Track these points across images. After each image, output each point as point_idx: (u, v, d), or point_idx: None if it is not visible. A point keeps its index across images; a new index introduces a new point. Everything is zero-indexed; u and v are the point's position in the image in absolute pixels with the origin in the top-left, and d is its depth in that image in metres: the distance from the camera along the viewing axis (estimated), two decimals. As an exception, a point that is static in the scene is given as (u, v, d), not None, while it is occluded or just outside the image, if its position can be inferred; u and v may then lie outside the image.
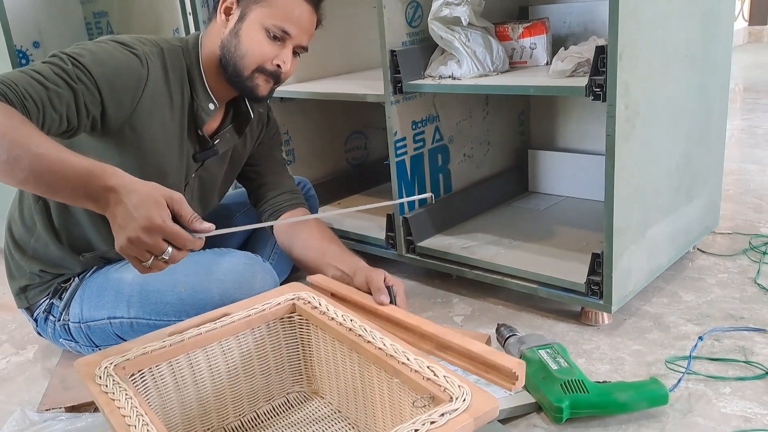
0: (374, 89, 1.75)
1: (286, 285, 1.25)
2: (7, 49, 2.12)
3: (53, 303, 1.39)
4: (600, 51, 1.29)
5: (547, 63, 1.71)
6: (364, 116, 2.37)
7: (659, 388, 1.15)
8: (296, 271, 1.75)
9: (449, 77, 1.63)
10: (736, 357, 1.31)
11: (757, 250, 1.79)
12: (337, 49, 2.17)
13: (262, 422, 1.16)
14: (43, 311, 1.40)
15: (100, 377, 0.96)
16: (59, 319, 1.38)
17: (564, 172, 2.08)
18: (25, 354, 1.58)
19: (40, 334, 1.45)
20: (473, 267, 1.66)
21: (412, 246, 1.77)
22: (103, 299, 1.33)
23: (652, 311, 1.52)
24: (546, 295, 1.52)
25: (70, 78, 1.14)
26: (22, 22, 2.47)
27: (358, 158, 2.40)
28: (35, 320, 1.42)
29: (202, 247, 1.00)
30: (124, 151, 1.27)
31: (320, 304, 1.13)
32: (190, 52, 1.35)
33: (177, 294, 1.28)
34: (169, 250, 0.96)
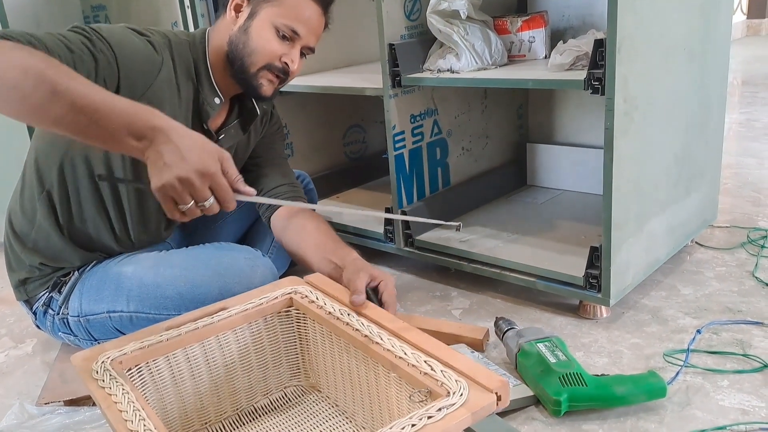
0: (373, 83, 1.75)
1: (284, 279, 1.25)
2: (5, 43, 2.12)
3: (52, 297, 1.39)
4: (599, 44, 1.29)
5: (545, 56, 1.71)
6: (362, 110, 2.37)
7: (657, 381, 1.15)
8: (294, 265, 1.75)
9: (448, 71, 1.62)
10: (733, 350, 1.32)
11: (755, 244, 1.79)
12: (336, 43, 2.16)
13: (260, 416, 1.16)
14: (42, 305, 1.39)
15: (97, 372, 0.96)
16: (58, 313, 1.38)
17: (562, 166, 2.08)
18: (24, 348, 1.58)
19: (39, 328, 1.45)
20: (471, 260, 1.66)
21: (410, 240, 1.77)
22: (103, 293, 1.33)
23: (651, 304, 1.52)
24: (544, 288, 1.52)
25: (94, 48, 1.16)
26: (21, 16, 2.46)
27: (357, 152, 2.40)
28: (34, 313, 1.42)
29: (234, 209, 1.00)
30: None
31: (317, 298, 1.13)
32: (197, 47, 1.35)
33: (176, 288, 1.28)
34: (211, 200, 0.96)
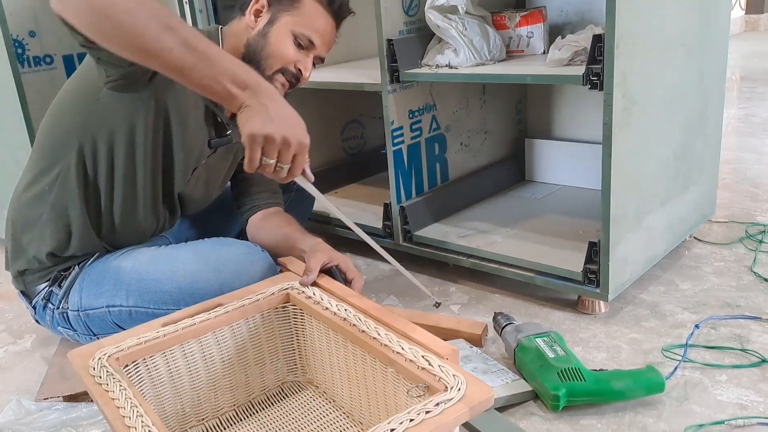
0: (371, 78, 1.74)
1: (281, 275, 1.25)
2: (3, 39, 2.11)
3: (52, 291, 1.38)
4: (597, 40, 1.28)
5: (544, 52, 1.70)
6: (360, 105, 2.37)
7: (656, 376, 1.15)
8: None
9: (446, 66, 1.62)
10: (732, 345, 1.32)
11: (753, 239, 1.79)
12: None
13: (257, 412, 1.16)
14: (42, 299, 1.39)
15: (94, 368, 0.96)
16: (58, 307, 1.37)
17: (561, 161, 2.08)
18: (23, 343, 1.58)
19: (38, 322, 1.45)
20: (470, 256, 1.66)
21: (409, 235, 1.77)
22: (102, 287, 1.33)
23: (649, 299, 1.52)
24: (543, 283, 1.52)
25: None
26: (18, 12, 2.45)
27: (355, 147, 2.40)
28: (34, 308, 1.41)
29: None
30: (157, 115, 1.29)
31: (314, 293, 1.13)
32: None
33: (176, 283, 1.29)
34: (288, 167, 1.04)
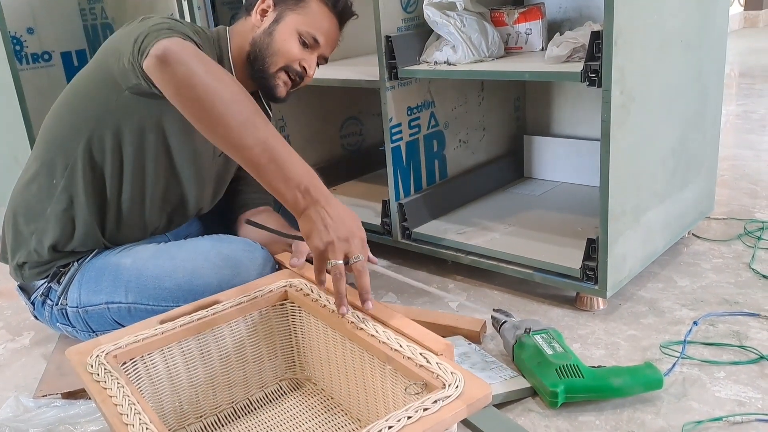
0: (369, 75, 1.74)
1: (279, 272, 1.25)
2: (1, 36, 2.11)
3: (51, 287, 1.38)
4: (595, 36, 1.28)
5: (542, 48, 1.70)
6: (359, 102, 2.37)
7: (654, 372, 1.15)
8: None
9: (444, 63, 1.62)
10: (730, 342, 1.32)
11: (751, 235, 1.79)
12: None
13: (255, 409, 1.16)
14: (41, 295, 1.39)
15: (92, 366, 0.96)
16: (57, 304, 1.37)
17: (559, 158, 2.08)
18: (22, 340, 1.58)
19: (36, 318, 1.45)
20: (469, 253, 1.66)
21: (407, 232, 1.77)
22: (101, 284, 1.33)
23: (647, 296, 1.52)
24: (541, 280, 1.52)
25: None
26: (17, 9, 2.46)
27: (354, 144, 2.40)
28: (32, 304, 1.41)
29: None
30: (171, 122, 1.29)
31: (312, 291, 1.13)
32: (220, 44, 1.41)
33: (175, 280, 1.28)
34: (362, 257, 1.04)
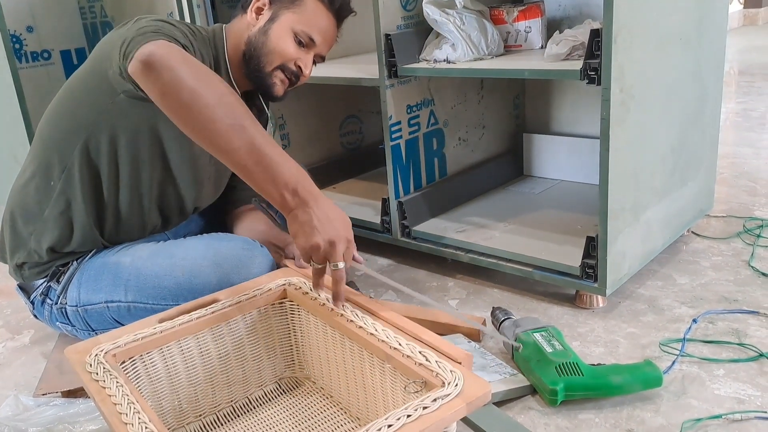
0: (369, 73, 1.74)
1: (278, 270, 1.25)
2: (0, 34, 2.11)
3: (51, 286, 1.38)
4: (595, 34, 1.28)
5: (541, 46, 1.70)
6: (358, 100, 2.36)
7: (653, 370, 1.16)
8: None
9: (444, 61, 1.62)
10: (729, 339, 1.32)
11: (751, 233, 1.79)
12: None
13: (255, 408, 1.16)
14: (40, 294, 1.39)
15: (91, 365, 0.96)
16: (56, 303, 1.37)
17: (559, 156, 2.07)
18: (21, 339, 1.58)
19: (36, 317, 1.45)
20: (468, 251, 1.66)
21: (407, 230, 1.77)
22: (101, 283, 1.33)
23: (647, 294, 1.52)
24: (541, 278, 1.52)
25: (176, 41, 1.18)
26: (16, 7, 2.46)
27: (353, 142, 2.40)
28: (32, 303, 1.41)
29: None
30: (166, 126, 1.28)
31: (311, 289, 1.13)
32: (216, 44, 1.40)
33: (174, 278, 1.28)
34: (343, 264, 1.04)
